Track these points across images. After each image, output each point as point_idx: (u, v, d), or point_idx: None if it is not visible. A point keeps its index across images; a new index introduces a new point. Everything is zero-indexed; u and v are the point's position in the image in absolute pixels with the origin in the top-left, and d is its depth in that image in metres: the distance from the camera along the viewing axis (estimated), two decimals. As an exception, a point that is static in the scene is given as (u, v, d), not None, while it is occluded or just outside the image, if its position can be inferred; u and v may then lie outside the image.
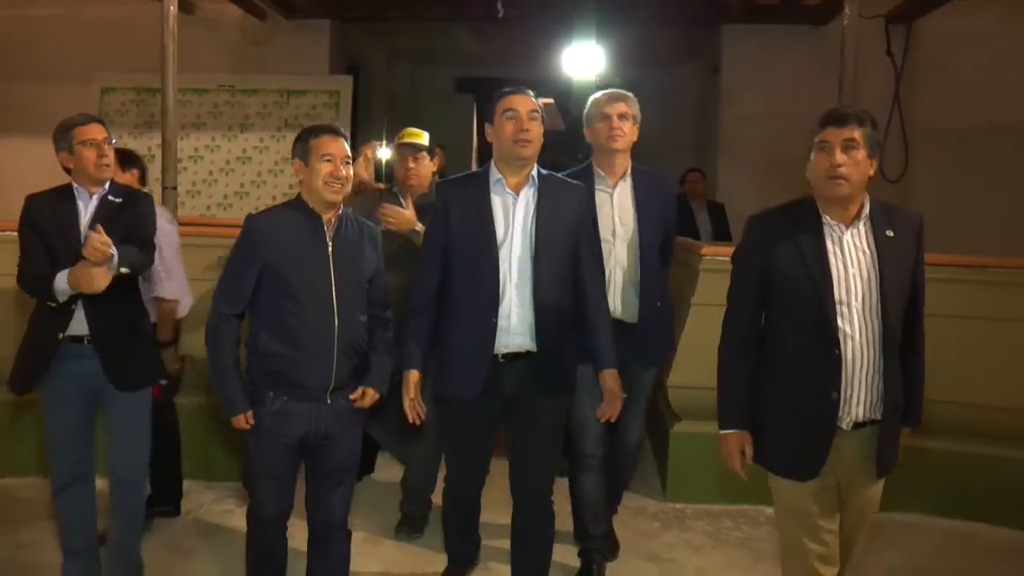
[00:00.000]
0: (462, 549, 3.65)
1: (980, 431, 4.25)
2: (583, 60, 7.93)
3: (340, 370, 2.96)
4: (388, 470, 4.67)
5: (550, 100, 10.91)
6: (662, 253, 3.61)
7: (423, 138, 4.11)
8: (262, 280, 2.92)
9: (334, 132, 3.00)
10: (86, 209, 3.21)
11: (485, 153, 7.29)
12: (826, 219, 2.57)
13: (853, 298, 2.52)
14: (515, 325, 3.07)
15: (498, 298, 3.05)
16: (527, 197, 3.10)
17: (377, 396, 3.07)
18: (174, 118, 5.12)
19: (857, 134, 2.49)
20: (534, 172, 3.13)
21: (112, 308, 3.20)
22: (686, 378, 4.21)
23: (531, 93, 3.13)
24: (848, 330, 2.51)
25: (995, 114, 7.19)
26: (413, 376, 3.12)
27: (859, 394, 2.53)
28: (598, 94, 3.63)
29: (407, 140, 4.12)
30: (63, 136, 3.20)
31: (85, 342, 3.19)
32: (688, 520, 4.20)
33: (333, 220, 2.99)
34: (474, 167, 10.55)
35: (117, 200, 3.25)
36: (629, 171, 3.57)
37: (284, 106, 7.50)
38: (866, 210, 2.57)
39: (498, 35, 8.66)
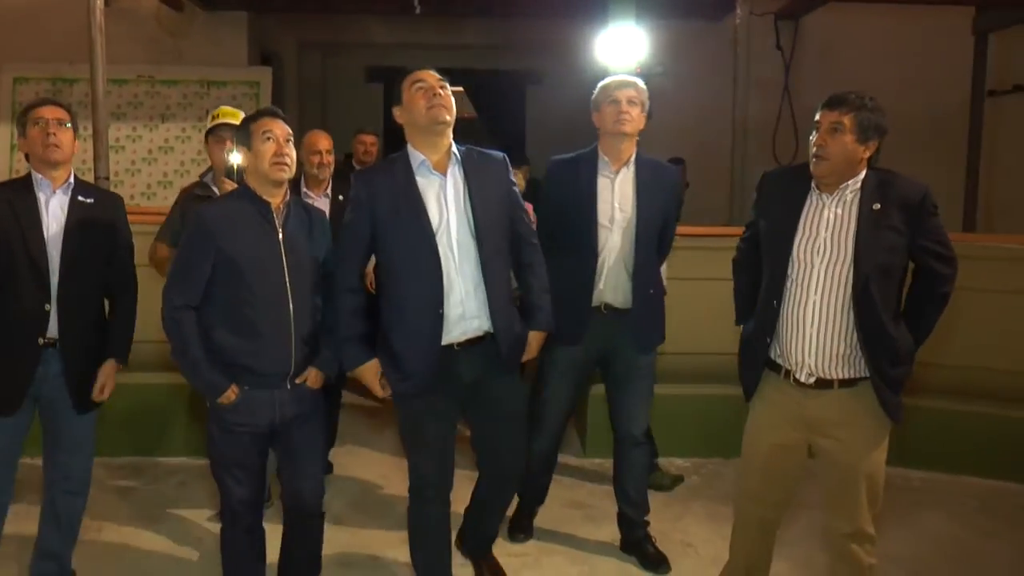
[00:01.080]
0: None
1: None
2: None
3: (299, 355, 2.95)
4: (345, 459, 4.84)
5: (460, 88, 11.23)
6: (661, 241, 3.59)
7: (239, 117, 3.59)
8: (215, 272, 2.87)
9: (273, 114, 2.98)
10: (47, 203, 3.08)
11: (393, 141, 7.49)
12: (814, 188, 2.76)
13: (819, 260, 2.70)
14: (470, 309, 3.00)
15: (442, 288, 2.95)
16: (454, 176, 3.01)
17: (322, 378, 3.05)
18: (104, 108, 5.26)
19: (846, 119, 2.64)
20: (455, 148, 3.05)
21: (83, 313, 3.15)
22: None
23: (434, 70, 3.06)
24: (803, 288, 2.71)
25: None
26: (372, 367, 3.03)
27: (810, 349, 2.72)
28: (607, 79, 3.57)
29: (223, 120, 3.72)
30: (20, 119, 3.11)
31: (55, 347, 3.09)
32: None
33: (281, 207, 2.95)
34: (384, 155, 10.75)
35: (88, 201, 3.15)
36: (633, 158, 3.51)
37: (205, 96, 7.64)
38: (857, 184, 2.71)
39: (408, 26, 8.92)
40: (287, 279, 2.90)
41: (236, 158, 3.01)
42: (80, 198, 3.12)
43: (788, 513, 3.11)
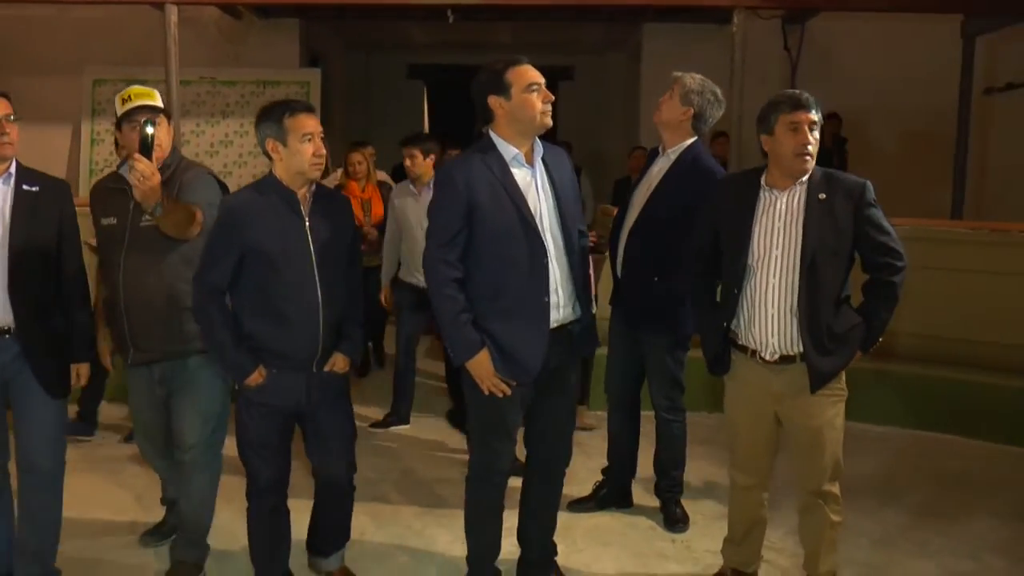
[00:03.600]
0: (486, 566, 3.29)
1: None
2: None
3: (326, 340, 3.01)
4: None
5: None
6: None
7: (156, 98, 3.27)
8: (243, 260, 2.91)
9: (309, 109, 2.96)
10: None
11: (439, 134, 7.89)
12: (764, 185, 2.96)
13: (775, 247, 2.91)
14: (562, 298, 3.03)
15: (548, 277, 2.97)
16: (540, 168, 3.02)
17: (348, 363, 3.12)
18: (178, 109, 6.11)
19: (816, 117, 2.86)
20: (536, 140, 3.04)
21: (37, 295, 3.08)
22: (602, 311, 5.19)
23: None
24: (763, 275, 2.93)
25: (870, 102, 8.41)
26: (486, 357, 2.95)
27: (773, 329, 2.95)
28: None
29: (139, 103, 3.21)
30: None
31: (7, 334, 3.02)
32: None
33: (307, 195, 2.99)
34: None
35: (33, 189, 3.06)
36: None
37: (261, 95, 8.42)
38: (805, 179, 2.91)
39: (445, 27, 9.57)
40: (315, 266, 2.95)
41: (149, 127, 2.86)
42: (24, 187, 3.04)
43: (783, 487, 3.47)
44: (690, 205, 3.46)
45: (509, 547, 3.37)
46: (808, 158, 2.85)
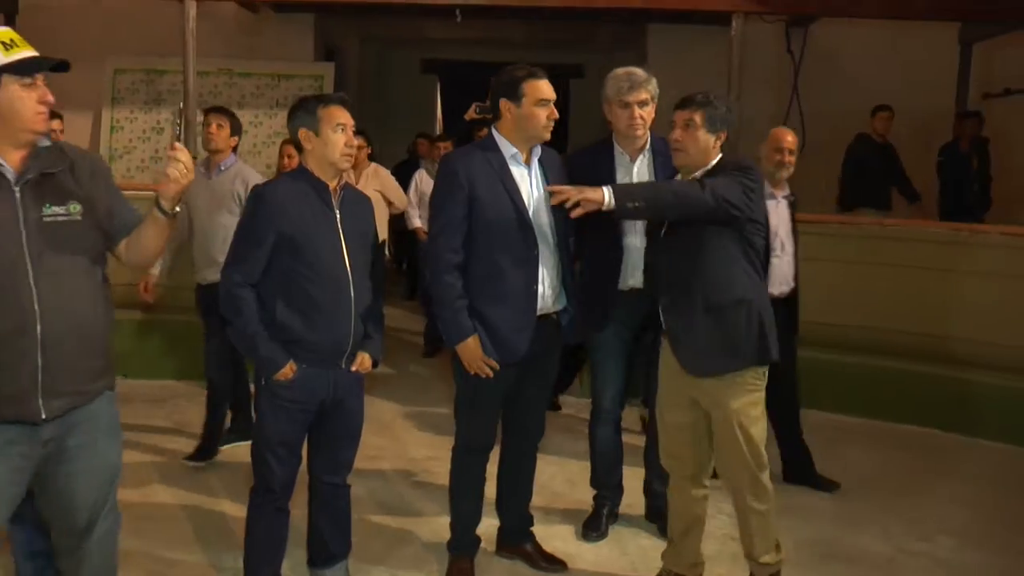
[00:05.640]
0: (467, 532, 3.49)
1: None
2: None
3: (356, 335, 3.01)
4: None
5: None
6: None
7: (28, 49, 2.35)
8: (276, 250, 2.91)
9: (343, 101, 2.99)
10: None
11: (448, 129, 7.98)
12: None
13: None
14: (546, 290, 3.24)
15: (537, 267, 3.18)
16: (535, 168, 3.25)
17: (371, 363, 3.13)
18: (194, 99, 6.37)
19: (696, 115, 3.07)
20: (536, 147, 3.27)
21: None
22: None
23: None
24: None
25: (874, 103, 8.54)
26: (475, 342, 3.16)
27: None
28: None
29: (20, 55, 2.31)
30: None
31: None
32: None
33: (338, 189, 3.02)
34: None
35: None
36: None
37: (275, 87, 8.67)
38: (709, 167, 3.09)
39: (458, 23, 9.76)
40: (346, 258, 2.97)
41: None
42: None
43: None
44: None
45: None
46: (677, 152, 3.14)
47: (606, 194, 2.88)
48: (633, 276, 3.63)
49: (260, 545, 3.13)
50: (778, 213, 4.27)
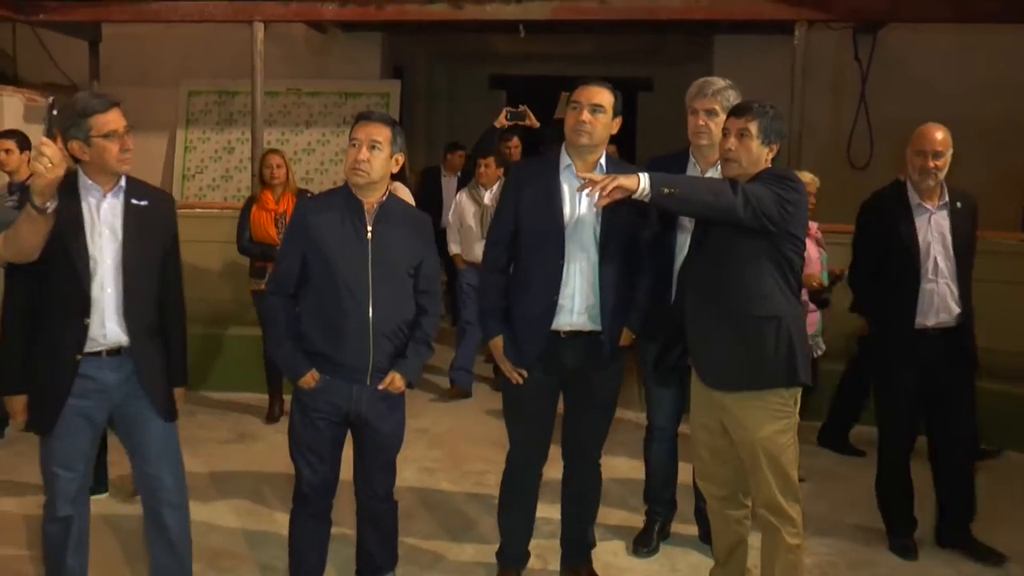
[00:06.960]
0: (515, 545, 3.54)
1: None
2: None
3: (378, 353, 3.02)
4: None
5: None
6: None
7: None
8: (307, 263, 3.01)
9: (365, 118, 3.03)
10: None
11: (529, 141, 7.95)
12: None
13: None
14: (577, 305, 3.21)
15: (560, 278, 3.18)
16: None
17: (404, 384, 3.11)
18: (261, 119, 6.55)
19: (751, 125, 2.96)
20: (602, 160, 3.22)
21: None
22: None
23: (607, 87, 3.18)
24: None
25: (944, 111, 8.29)
26: (499, 343, 3.29)
27: None
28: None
29: None
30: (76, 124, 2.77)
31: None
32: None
33: (375, 206, 3.03)
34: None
35: (143, 204, 2.94)
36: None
37: (342, 105, 8.83)
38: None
39: (526, 38, 9.82)
40: (369, 277, 2.99)
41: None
42: (134, 201, 2.92)
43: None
44: None
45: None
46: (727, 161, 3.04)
47: (642, 179, 2.72)
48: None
49: (295, 550, 3.23)
50: (930, 229, 3.85)
